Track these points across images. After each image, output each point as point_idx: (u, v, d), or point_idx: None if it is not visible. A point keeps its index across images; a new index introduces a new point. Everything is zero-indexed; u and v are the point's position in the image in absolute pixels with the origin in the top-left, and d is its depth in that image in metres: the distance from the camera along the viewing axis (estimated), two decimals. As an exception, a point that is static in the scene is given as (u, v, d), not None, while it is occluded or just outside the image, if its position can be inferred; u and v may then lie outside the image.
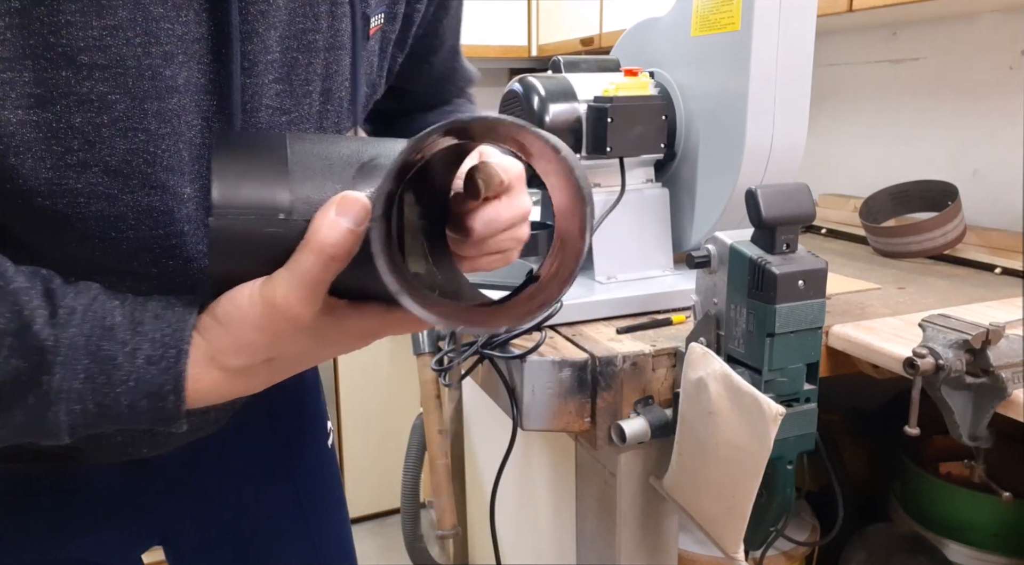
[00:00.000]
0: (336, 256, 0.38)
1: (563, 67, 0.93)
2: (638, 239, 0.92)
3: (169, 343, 0.41)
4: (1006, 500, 0.93)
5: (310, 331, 0.42)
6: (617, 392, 0.74)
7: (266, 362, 0.43)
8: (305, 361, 0.45)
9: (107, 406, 0.41)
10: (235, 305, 0.41)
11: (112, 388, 0.41)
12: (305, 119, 0.54)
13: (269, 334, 0.41)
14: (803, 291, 0.63)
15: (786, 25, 0.81)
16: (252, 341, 0.41)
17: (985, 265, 1.10)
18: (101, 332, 0.41)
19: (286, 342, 0.42)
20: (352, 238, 0.38)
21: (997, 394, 0.63)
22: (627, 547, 0.82)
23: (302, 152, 0.42)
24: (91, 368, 0.40)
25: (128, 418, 0.42)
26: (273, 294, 0.40)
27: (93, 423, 0.41)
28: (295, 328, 0.41)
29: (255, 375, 0.44)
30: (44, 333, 0.39)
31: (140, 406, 0.41)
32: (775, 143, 0.84)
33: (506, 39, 2.33)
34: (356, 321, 0.43)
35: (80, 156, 0.43)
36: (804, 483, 0.78)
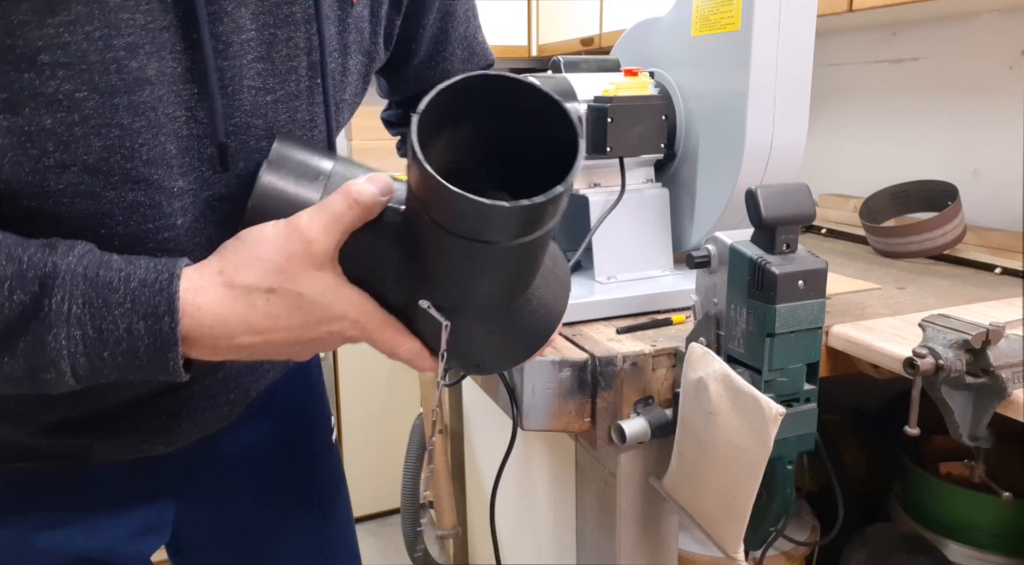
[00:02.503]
0: (361, 201, 0.44)
1: (563, 67, 0.93)
2: (638, 239, 0.92)
3: (161, 269, 0.44)
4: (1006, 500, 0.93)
5: (318, 274, 0.45)
6: (617, 392, 0.74)
7: (268, 293, 0.44)
8: (300, 315, 0.46)
9: (106, 330, 0.43)
10: (259, 228, 0.45)
11: (109, 310, 0.42)
12: (294, 97, 0.53)
13: (283, 256, 0.44)
14: (803, 291, 0.63)
15: (786, 25, 0.81)
16: (264, 257, 0.44)
17: (985, 265, 1.10)
18: (98, 262, 0.44)
19: (294, 271, 0.44)
20: (376, 198, 0.44)
21: (997, 394, 0.63)
22: (627, 547, 0.82)
23: (341, 171, 0.47)
24: (88, 292, 0.42)
25: (127, 344, 0.43)
26: (299, 218, 0.44)
27: (93, 350, 0.43)
28: (307, 257, 0.44)
29: (252, 306, 0.45)
30: (45, 262, 0.42)
31: (137, 329, 0.43)
32: (775, 143, 0.84)
33: (506, 39, 2.33)
34: (353, 291, 0.46)
35: (57, 157, 0.43)
36: (804, 483, 0.78)
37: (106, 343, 0.43)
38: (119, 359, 0.44)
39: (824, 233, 1.41)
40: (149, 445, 0.61)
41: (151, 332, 0.43)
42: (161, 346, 0.44)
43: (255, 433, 0.74)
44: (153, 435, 0.61)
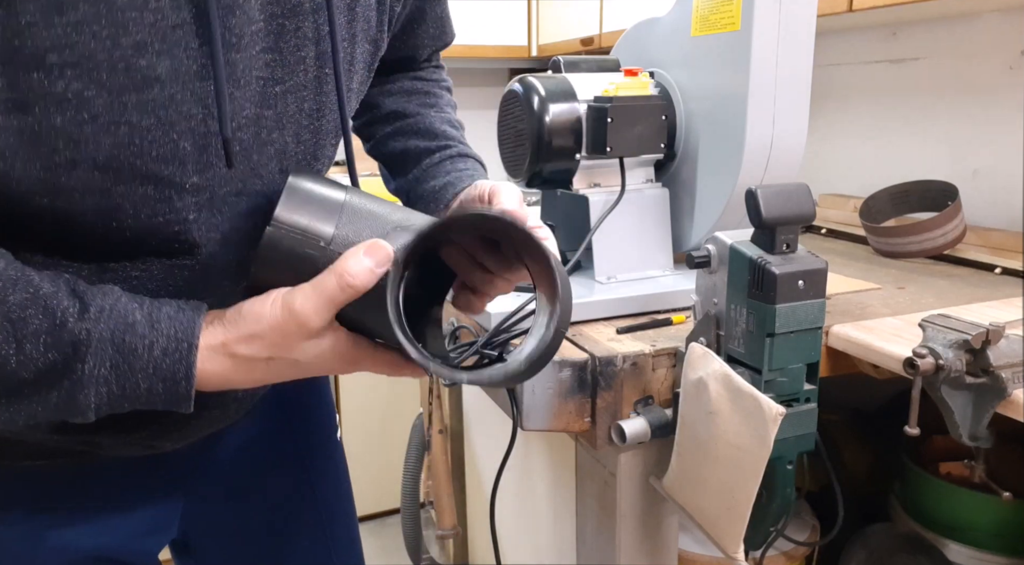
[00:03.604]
0: (353, 285, 0.46)
1: (563, 67, 0.93)
2: (638, 239, 0.92)
3: (181, 338, 0.47)
4: (1006, 500, 0.93)
5: (311, 343, 0.48)
6: (617, 392, 0.74)
7: (267, 360, 0.49)
8: (297, 369, 0.50)
9: (129, 388, 0.47)
10: (260, 303, 0.48)
11: (134, 375, 0.46)
12: (302, 87, 0.54)
13: (279, 334, 0.47)
14: (803, 291, 0.63)
15: (786, 25, 0.81)
16: (263, 336, 0.47)
17: (985, 265, 1.10)
18: (124, 327, 0.46)
19: (289, 345, 0.48)
20: (370, 275, 0.46)
21: (997, 394, 0.63)
22: (627, 547, 0.82)
23: (355, 202, 0.50)
24: (116, 358, 0.46)
25: (146, 399, 0.47)
26: (293, 300, 0.47)
27: (116, 403, 0.47)
28: (300, 334, 0.47)
29: (253, 369, 0.49)
30: (78, 328, 0.45)
31: (156, 389, 0.47)
32: (775, 143, 0.84)
33: (506, 39, 2.33)
34: (347, 346, 0.49)
35: (67, 155, 0.44)
36: (804, 483, 0.78)
37: (128, 398, 0.47)
38: (138, 406, 0.48)
39: (824, 233, 1.41)
40: (158, 442, 0.62)
41: (168, 391, 0.48)
42: (176, 401, 0.49)
43: (260, 430, 0.75)
44: (162, 432, 0.61)
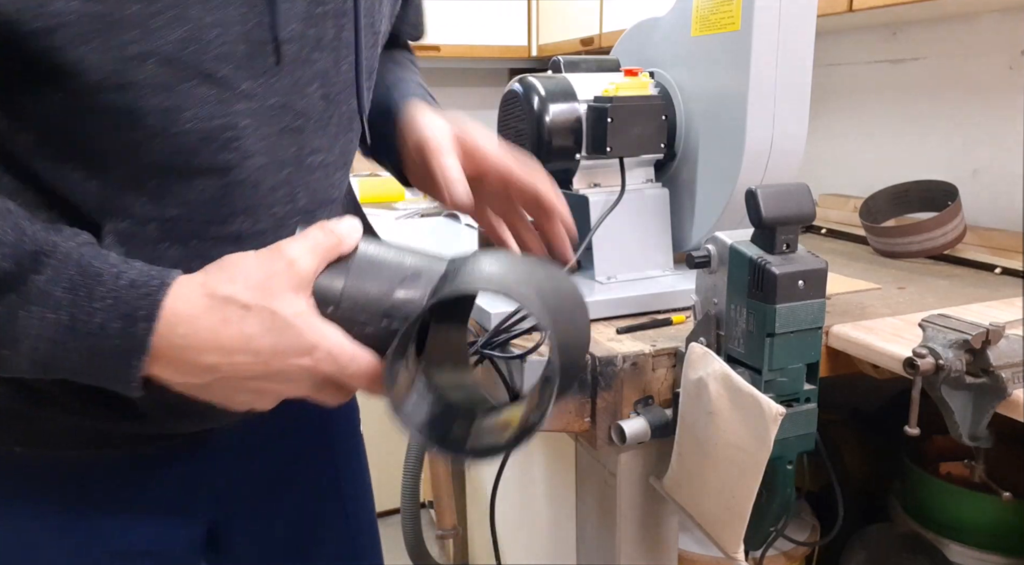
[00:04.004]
0: (336, 232, 0.47)
1: (563, 67, 0.93)
2: (638, 239, 0.92)
3: (155, 275, 0.45)
4: (1006, 500, 0.93)
5: (295, 296, 0.45)
6: (617, 392, 0.74)
7: (243, 308, 0.45)
8: (272, 335, 0.45)
9: (79, 320, 0.43)
10: (243, 252, 0.47)
11: (90, 302, 0.43)
12: (340, 14, 0.55)
13: (264, 273, 0.45)
14: (803, 291, 0.63)
15: (786, 25, 0.81)
16: (246, 273, 0.45)
17: (985, 265, 1.10)
18: (95, 254, 0.45)
19: (272, 289, 0.45)
20: (350, 234, 0.48)
21: (997, 394, 0.63)
22: (627, 547, 0.82)
23: (365, 256, 0.48)
24: (76, 279, 0.43)
25: (92, 344, 0.43)
26: (280, 242, 0.47)
27: (59, 342, 0.43)
28: (288, 275, 0.45)
29: (227, 318, 0.45)
30: (44, 239, 0.43)
31: (111, 328, 0.43)
32: (775, 143, 0.84)
33: (506, 39, 2.33)
34: (324, 328, 0.46)
35: (137, 47, 0.45)
36: (804, 483, 0.78)
37: (76, 334, 0.43)
38: (82, 354, 0.44)
39: (824, 233, 1.41)
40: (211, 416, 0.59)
41: (123, 334, 0.44)
42: (128, 350, 0.44)
43: (294, 422, 0.74)
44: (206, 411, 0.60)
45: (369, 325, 0.47)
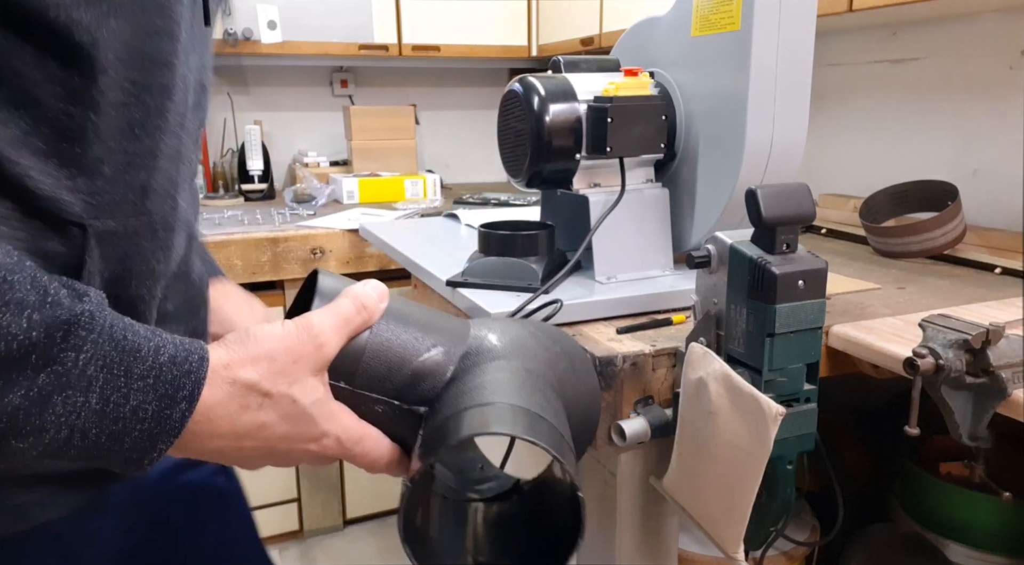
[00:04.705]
0: (367, 307, 0.46)
1: (563, 67, 0.93)
2: (638, 239, 0.92)
3: (192, 349, 0.41)
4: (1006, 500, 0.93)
5: (316, 380, 0.44)
6: (617, 392, 0.74)
7: (263, 396, 0.43)
8: (281, 428, 0.44)
9: (113, 403, 0.38)
10: (271, 325, 0.44)
11: (128, 382, 0.38)
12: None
13: (290, 355, 0.43)
14: (803, 291, 0.63)
15: (786, 25, 0.81)
16: (271, 357, 0.43)
17: (985, 265, 1.10)
18: (125, 321, 0.39)
19: (295, 374, 0.43)
20: (380, 305, 0.47)
21: (997, 394, 0.63)
22: (627, 547, 0.82)
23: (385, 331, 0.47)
24: (111, 356, 0.38)
25: (123, 425, 0.39)
26: (310, 318, 0.44)
27: (84, 426, 0.38)
28: (312, 359, 0.43)
29: (247, 407, 0.42)
30: (76, 308, 0.37)
31: (145, 410, 0.39)
32: (775, 143, 0.84)
33: (506, 39, 2.33)
34: (335, 411, 0.45)
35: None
36: (804, 483, 0.78)
37: (104, 418, 0.38)
38: (98, 439, 0.38)
39: (824, 233, 1.41)
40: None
41: (157, 417, 0.39)
42: (158, 434, 0.39)
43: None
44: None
45: (379, 404, 0.46)
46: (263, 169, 2.25)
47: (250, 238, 1.70)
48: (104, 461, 0.40)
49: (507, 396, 0.46)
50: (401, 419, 0.47)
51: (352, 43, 2.15)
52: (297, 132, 2.50)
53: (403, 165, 2.39)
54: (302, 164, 2.38)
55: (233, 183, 2.35)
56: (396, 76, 2.58)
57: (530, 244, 0.91)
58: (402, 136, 2.40)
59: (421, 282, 1.12)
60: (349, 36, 2.14)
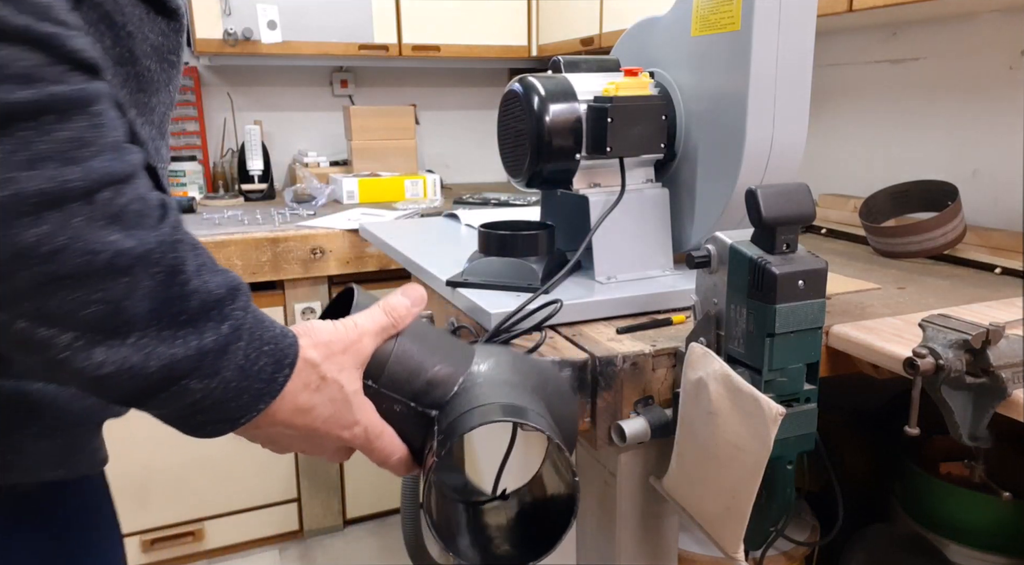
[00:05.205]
0: (398, 315, 0.52)
1: (563, 67, 0.93)
2: (638, 239, 0.92)
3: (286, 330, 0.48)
4: (1006, 500, 0.93)
5: (354, 375, 0.50)
6: (617, 392, 0.74)
7: (321, 378, 0.48)
8: (326, 411, 0.49)
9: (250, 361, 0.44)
10: (319, 321, 0.50)
11: (261, 345, 0.45)
12: None
13: (341, 345, 0.49)
14: (803, 291, 0.63)
15: (786, 25, 0.81)
16: (328, 342, 0.49)
17: (985, 265, 1.10)
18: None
19: (343, 362, 0.49)
20: (409, 313, 0.53)
21: (997, 394, 0.63)
22: (627, 547, 0.82)
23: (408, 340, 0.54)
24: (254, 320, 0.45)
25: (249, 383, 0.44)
26: (354, 319, 0.51)
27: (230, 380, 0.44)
28: (357, 352, 0.50)
29: (308, 384, 0.48)
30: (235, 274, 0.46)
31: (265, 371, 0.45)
32: (775, 143, 0.84)
33: (506, 39, 2.33)
34: (366, 404, 0.51)
35: None
36: (804, 483, 0.78)
37: (242, 373, 0.44)
38: (224, 393, 0.44)
39: (824, 233, 1.41)
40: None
41: (270, 378, 0.45)
42: (264, 393, 0.45)
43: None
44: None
45: (398, 404, 0.53)
46: (263, 169, 2.25)
47: (250, 238, 1.70)
48: (213, 413, 0.44)
49: (506, 399, 0.54)
50: (414, 420, 0.53)
51: (352, 43, 2.15)
52: (297, 132, 2.50)
53: (403, 165, 2.39)
54: (302, 164, 2.38)
55: (233, 183, 2.35)
56: (396, 76, 2.58)
57: (530, 244, 0.91)
58: (402, 136, 2.40)
59: (421, 282, 1.13)
60: (349, 36, 2.14)
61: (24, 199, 0.35)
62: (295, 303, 1.80)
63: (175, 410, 0.43)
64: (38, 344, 0.38)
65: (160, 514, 1.84)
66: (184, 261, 0.41)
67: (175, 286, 0.41)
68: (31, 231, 0.36)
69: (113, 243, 0.38)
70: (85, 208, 0.37)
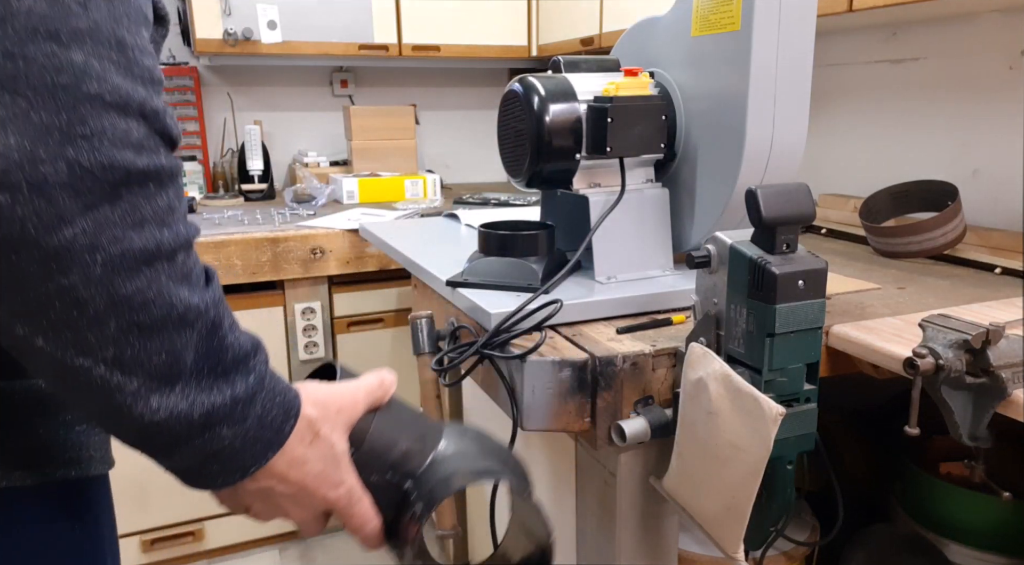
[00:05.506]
0: (385, 387, 0.55)
1: (563, 67, 0.93)
2: (638, 239, 0.92)
3: (288, 385, 0.50)
4: (1006, 500, 0.93)
5: (342, 437, 0.52)
6: (617, 392, 0.74)
7: (315, 435, 0.50)
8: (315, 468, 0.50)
9: (265, 411, 0.47)
10: (313, 382, 0.52)
11: (273, 396, 0.47)
12: None
13: (335, 406, 0.51)
14: (803, 291, 0.63)
15: (786, 25, 0.81)
16: (324, 401, 0.51)
17: (985, 265, 1.10)
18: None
19: (335, 422, 0.51)
20: (392, 389, 0.56)
21: (997, 394, 0.63)
22: (627, 547, 0.82)
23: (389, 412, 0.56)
24: (270, 373, 0.48)
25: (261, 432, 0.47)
26: (351, 382, 0.54)
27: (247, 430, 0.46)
28: (349, 413, 0.52)
29: (303, 439, 0.50)
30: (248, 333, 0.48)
31: (275, 420, 0.47)
32: (775, 143, 0.84)
33: (506, 39, 2.33)
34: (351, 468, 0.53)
35: None
36: (804, 483, 0.78)
37: (260, 422, 0.46)
38: (237, 443, 0.46)
39: (824, 233, 1.41)
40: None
41: (277, 429, 0.47)
42: (271, 444, 0.47)
43: None
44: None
45: (375, 474, 0.54)
46: (263, 169, 2.25)
47: (250, 238, 1.70)
48: (230, 461, 0.46)
49: (479, 465, 0.58)
50: (388, 491, 0.55)
51: (352, 43, 2.15)
52: (297, 132, 2.50)
53: (403, 165, 2.39)
54: (302, 164, 2.38)
55: (233, 183, 2.35)
56: (396, 76, 2.58)
57: (530, 244, 0.91)
58: (402, 136, 2.40)
59: (421, 282, 1.13)
60: (349, 36, 2.14)
61: (129, 256, 0.40)
62: (295, 303, 1.80)
63: (199, 458, 0.45)
64: (110, 389, 0.41)
65: (160, 514, 1.84)
66: (223, 317, 0.45)
67: (216, 340, 0.45)
68: (130, 284, 0.40)
69: (184, 299, 0.43)
70: (168, 267, 0.42)
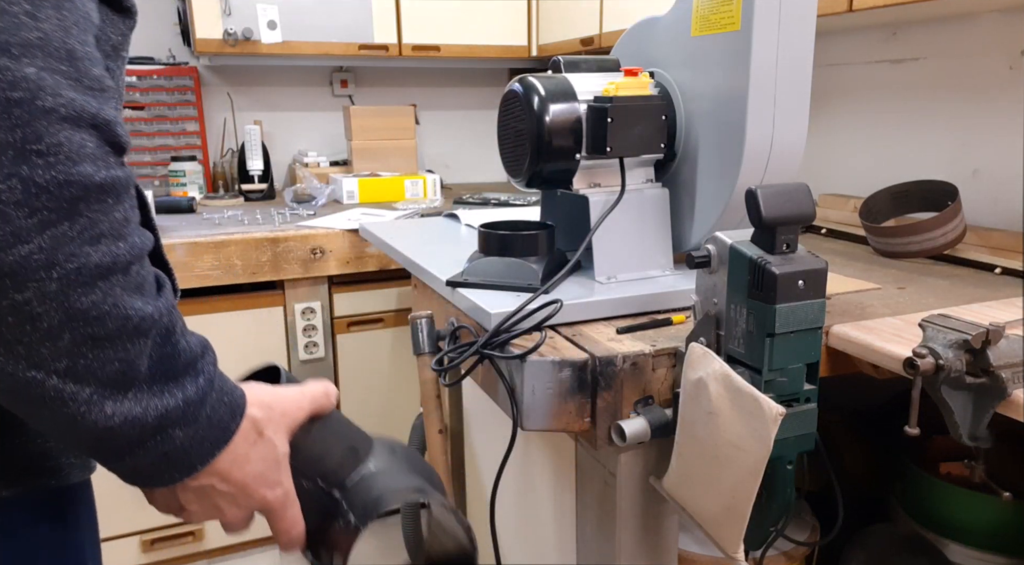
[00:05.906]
0: (329, 396, 0.56)
1: (563, 67, 0.93)
2: (638, 239, 0.92)
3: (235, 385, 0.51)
4: (1006, 500, 0.93)
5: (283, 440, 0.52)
6: (617, 392, 0.74)
7: (259, 434, 0.51)
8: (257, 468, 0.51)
9: (214, 410, 0.47)
10: (258, 384, 0.53)
11: (221, 396, 0.48)
12: None
13: (280, 408, 0.52)
14: (803, 291, 0.63)
15: (786, 25, 0.81)
16: (269, 403, 0.52)
17: (985, 265, 1.10)
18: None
19: (283, 424, 0.52)
20: (333, 399, 0.57)
21: (997, 394, 0.63)
22: (627, 547, 0.82)
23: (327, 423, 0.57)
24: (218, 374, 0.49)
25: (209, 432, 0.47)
26: (296, 387, 0.55)
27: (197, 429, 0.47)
28: (292, 418, 0.53)
29: (246, 438, 0.50)
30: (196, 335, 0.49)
31: (222, 420, 0.48)
32: (775, 143, 0.84)
33: (506, 39, 2.33)
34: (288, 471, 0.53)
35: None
36: (804, 483, 0.78)
37: (209, 423, 0.47)
38: (186, 441, 0.46)
39: (824, 233, 1.41)
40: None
41: (224, 427, 0.48)
42: (218, 442, 0.48)
43: None
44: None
45: (307, 481, 0.55)
46: (263, 169, 2.25)
47: (250, 238, 1.70)
48: (178, 460, 0.47)
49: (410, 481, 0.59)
50: (317, 498, 0.56)
51: (352, 43, 2.15)
52: (297, 132, 2.50)
53: (403, 165, 2.39)
54: (302, 164, 2.38)
55: (233, 183, 2.35)
56: (396, 76, 2.58)
57: (530, 244, 0.91)
58: (402, 136, 2.40)
59: (421, 282, 1.13)
60: (349, 36, 2.14)
61: (86, 272, 0.40)
62: (295, 303, 1.80)
63: (151, 460, 0.46)
64: (63, 400, 0.42)
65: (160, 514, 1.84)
66: (175, 323, 0.46)
67: (168, 345, 0.45)
68: (86, 299, 0.40)
69: (139, 309, 0.43)
70: (123, 279, 0.42)
